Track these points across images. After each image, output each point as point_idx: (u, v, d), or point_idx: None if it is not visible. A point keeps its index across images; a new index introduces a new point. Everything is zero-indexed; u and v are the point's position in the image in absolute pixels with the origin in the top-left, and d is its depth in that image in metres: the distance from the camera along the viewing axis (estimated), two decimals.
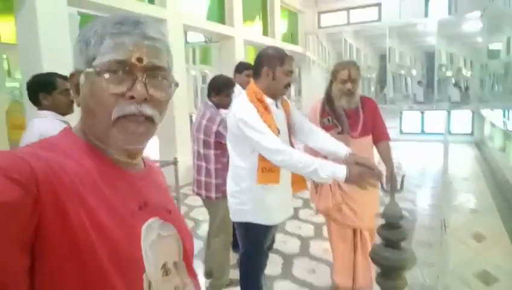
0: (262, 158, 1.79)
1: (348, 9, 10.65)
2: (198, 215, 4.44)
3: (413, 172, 6.19)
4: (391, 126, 9.53)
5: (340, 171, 1.56)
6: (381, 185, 1.52)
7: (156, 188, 0.76)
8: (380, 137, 2.43)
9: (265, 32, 8.88)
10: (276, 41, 8.95)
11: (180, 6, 5.94)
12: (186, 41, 7.13)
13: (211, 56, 13.39)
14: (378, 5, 10.12)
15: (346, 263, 2.44)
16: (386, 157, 2.38)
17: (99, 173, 0.63)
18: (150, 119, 0.66)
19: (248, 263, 2.09)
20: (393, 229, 1.30)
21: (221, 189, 2.48)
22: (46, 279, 0.52)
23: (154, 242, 0.66)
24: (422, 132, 9.77)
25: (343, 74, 2.29)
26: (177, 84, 0.71)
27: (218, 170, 2.55)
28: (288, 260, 3.21)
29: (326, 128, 2.25)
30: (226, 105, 2.59)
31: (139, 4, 5.29)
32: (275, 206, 1.96)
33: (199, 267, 3.08)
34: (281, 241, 3.50)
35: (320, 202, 2.43)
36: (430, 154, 7.72)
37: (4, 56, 8.88)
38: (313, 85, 10.87)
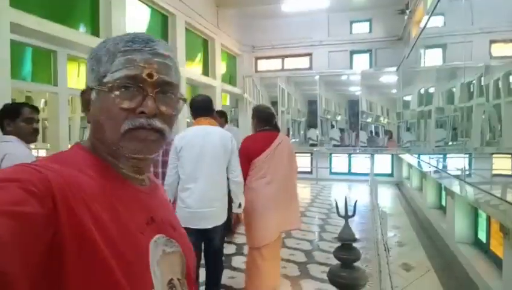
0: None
1: (282, 56, 11.48)
2: None
3: (343, 209, 6.56)
4: (323, 166, 10.26)
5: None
6: (337, 210, 1.66)
7: (161, 204, 0.77)
8: None
9: (205, 73, 9.10)
10: (216, 81, 9.21)
11: None
12: None
13: None
14: (309, 55, 11.09)
15: None
16: None
17: (109, 187, 0.63)
18: (160, 132, 0.67)
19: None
20: (348, 251, 1.43)
21: None
22: None
23: (161, 258, 0.66)
24: (350, 172, 10.60)
25: None
26: (185, 100, 0.73)
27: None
28: None
29: None
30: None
31: (74, 32, 5.14)
32: None
33: None
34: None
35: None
36: (358, 192, 8.38)
37: None
38: (248, 124, 11.18)
